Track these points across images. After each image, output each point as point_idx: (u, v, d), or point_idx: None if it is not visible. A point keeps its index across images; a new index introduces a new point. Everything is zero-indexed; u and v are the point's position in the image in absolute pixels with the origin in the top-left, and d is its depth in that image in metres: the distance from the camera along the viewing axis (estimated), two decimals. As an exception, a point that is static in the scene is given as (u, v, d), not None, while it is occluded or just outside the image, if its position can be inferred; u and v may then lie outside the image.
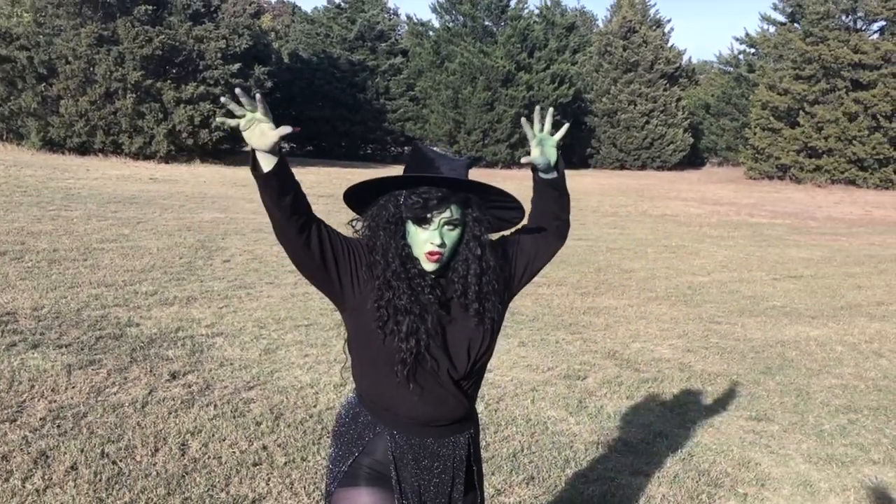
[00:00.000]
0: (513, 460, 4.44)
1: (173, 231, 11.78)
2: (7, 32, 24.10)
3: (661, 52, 40.94)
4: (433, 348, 2.11)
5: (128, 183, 18.24)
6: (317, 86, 36.41)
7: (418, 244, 2.12)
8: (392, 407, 2.16)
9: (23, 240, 10.08)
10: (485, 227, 2.18)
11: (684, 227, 17.56)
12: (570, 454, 4.57)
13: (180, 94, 24.87)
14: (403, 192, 2.12)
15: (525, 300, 8.85)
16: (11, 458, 4.05)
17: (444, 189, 2.09)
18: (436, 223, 2.11)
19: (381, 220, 2.13)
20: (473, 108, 35.58)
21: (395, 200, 2.12)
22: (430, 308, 2.12)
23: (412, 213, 2.09)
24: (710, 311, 8.91)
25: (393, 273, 2.09)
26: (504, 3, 38.85)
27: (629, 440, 4.85)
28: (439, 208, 2.09)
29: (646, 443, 4.82)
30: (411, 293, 2.10)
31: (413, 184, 2.11)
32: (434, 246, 2.10)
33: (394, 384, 2.12)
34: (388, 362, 2.10)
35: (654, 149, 40.26)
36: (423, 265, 2.14)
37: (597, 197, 24.35)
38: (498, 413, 5.20)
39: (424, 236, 2.11)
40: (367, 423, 2.19)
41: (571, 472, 4.34)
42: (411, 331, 2.07)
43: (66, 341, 6.10)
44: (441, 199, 2.08)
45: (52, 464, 4.03)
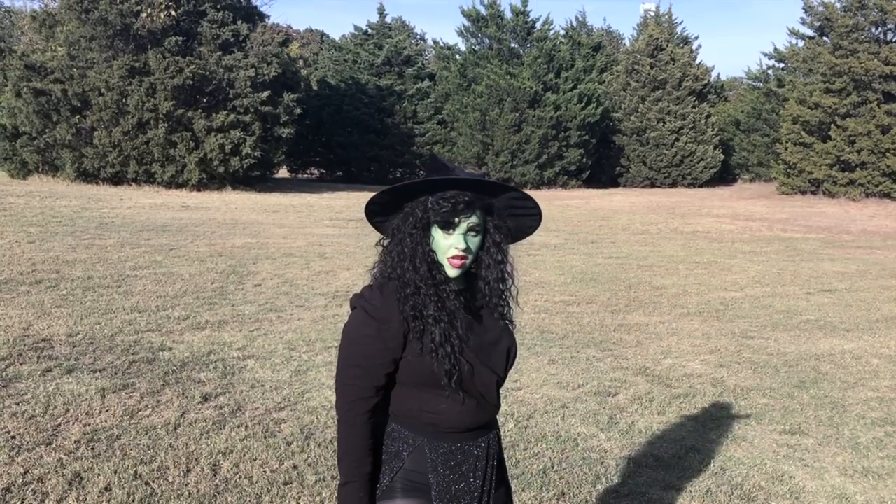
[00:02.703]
0: (543, 476, 4.42)
1: (205, 257, 11.91)
2: (42, 66, 24.62)
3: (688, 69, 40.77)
4: (468, 354, 2.16)
5: (160, 211, 18.49)
6: (345, 111, 36.72)
7: (442, 250, 2.17)
8: (436, 421, 2.20)
9: (58, 268, 10.25)
10: (504, 234, 2.23)
11: (716, 244, 17.43)
12: (600, 470, 4.54)
13: (211, 123, 25.20)
14: (430, 198, 2.15)
15: (555, 318, 8.83)
16: (47, 480, 4.11)
17: (470, 194, 2.14)
18: (461, 228, 2.15)
19: (408, 225, 2.17)
20: (501, 129, 35.64)
21: (422, 206, 2.16)
22: (458, 314, 2.17)
23: (441, 217, 2.13)
24: (742, 326, 8.83)
25: (421, 278, 2.13)
26: (530, 25, 39.00)
27: (660, 455, 4.81)
28: (466, 212, 2.14)
29: (677, 458, 4.77)
30: (438, 300, 2.14)
31: (440, 188, 2.15)
32: (459, 251, 2.15)
33: (441, 398, 2.18)
34: (434, 379, 2.14)
35: (684, 166, 40.00)
36: (448, 271, 2.18)
37: (627, 215, 24.25)
38: (528, 430, 5.18)
39: (449, 241, 2.16)
40: (402, 439, 2.22)
41: (602, 488, 4.32)
42: (444, 339, 2.12)
43: (100, 366, 6.18)
44: (468, 203, 2.13)
45: (86, 485, 4.08)
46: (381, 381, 2.16)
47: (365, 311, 2.15)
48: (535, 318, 8.77)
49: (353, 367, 2.14)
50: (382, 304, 2.13)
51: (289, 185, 31.04)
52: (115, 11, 24.26)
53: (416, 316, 2.12)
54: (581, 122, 36.53)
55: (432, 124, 38.19)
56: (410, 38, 43.76)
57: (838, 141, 33.16)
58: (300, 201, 23.65)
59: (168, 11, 24.66)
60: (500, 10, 38.97)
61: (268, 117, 26.32)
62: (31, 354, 6.37)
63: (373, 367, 2.14)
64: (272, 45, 26.17)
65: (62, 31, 25.00)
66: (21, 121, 25.00)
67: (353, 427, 2.15)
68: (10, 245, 11.82)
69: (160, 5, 24.53)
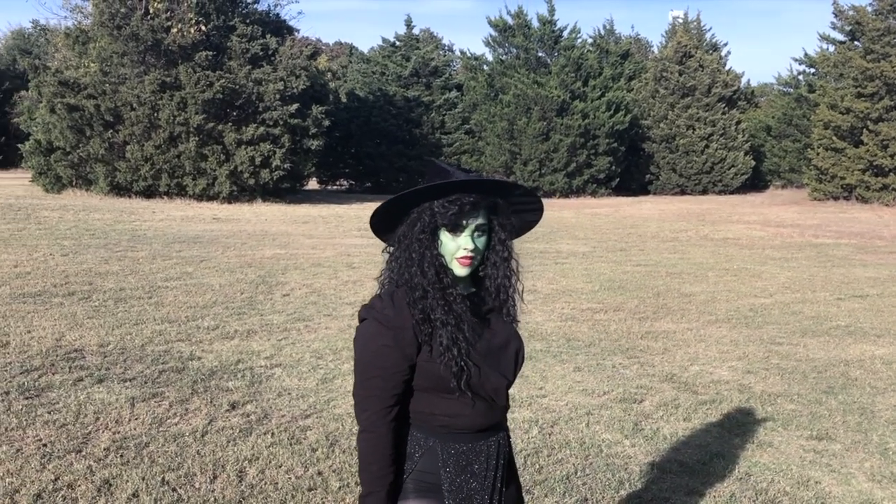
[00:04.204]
0: (566, 482, 4.43)
1: (235, 268, 12.04)
2: (75, 82, 25.03)
3: (718, 75, 40.52)
4: (476, 357, 2.19)
5: (192, 223, 18.71)
6: (373, 123, 36.91)
7: (451, 252, 2.21)
8: (447, 423, 2.24)
9: (91, 280, 10.41)
10: (508, 231, 2.28)
11: (746, 250, 17.28)
12: (624, 476, 4.54)
13: (241, 136, 25.46)
14: (435, 202, 2.19)
15: (581, 326, 8.82)
16: (76, 487, 4.19)
17: (475, 195, 2.18)
18: (468, 230, 2.19)
19: (416, 231, 2.21)
20: (529, 138, 35.61)
21: (429, 210, 2.20)
22: (465, 318, 2.20)
23: (449, 220, 2.17)
24: (771, 332, 8.76)
25: (429, 282, 2.17)
26: (557, 34, 38.96)
27: (685, 461, 4.79)
28: (473, 213, 2.19)
29: (702, 463, 4.76)
30: (445, 304, 2.18)
31: (445, 192, 2.18)
32: (467, 251, 2.19)
33: (451, 401, 2.21)
34: (443, 382, 2.18)
35: (714, 173, 39.71)
36: (456, 270, 2.22)
37: (656, 223, 24.12)
38: (552, 437, 5.19)
39: (458, 243, 2.20)
40: (414, 440, 2.26)
41: (625, 493, 4.31)
42: (451, 342, 2.16)
43: (130, 375, 6.28)
44: (474, 204, 2.18)
45: (114, 491, 4.16)
46: (400, 389, 2.19)
47: (379, 322, 2.18)
48: (561, 326, 8.77)
49: (374, 378, 2.18)
50: (395, 312, 2.17)
51: (318, 197, 31.25)
52: (146, 27, 24.62)
53: (425, 319, 2.15)
54: (609, 130, 36.40)
55: (460, 134, 38.26)
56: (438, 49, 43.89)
57: (871, 146, 32.78)
58: (329, 212, 23.80)
59: (198, 26, 24.98)
60: (526, 19, 38.98)
61: (297, 130, 26.54)
62: (63, 364, 6.49)
63: (393, 376, 2.17)
64: (300, 58, 26.40)
65: (95, 48, 25.41)
66: (55, 136, 25.42)
67: (378, 437, 2.18)
68: (45, 258, 12.02)
69: (190, 20, 24.86)
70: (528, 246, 16.49)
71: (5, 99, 44.78)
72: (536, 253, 15.40)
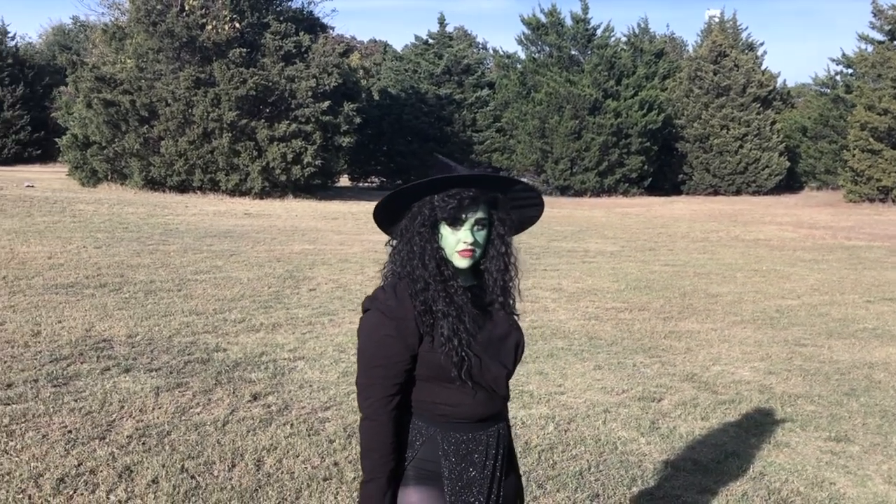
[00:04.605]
0: (578, 478, 4.46)
1: (264, 262, 12.17)
2: (112, 78, 25.40)
3: (753, 75, 40.11)
4: (476, 348, 2.24)
5: (224, 218, 18.92)
6: (405, 121, 37.05)
7: (451, 245, 2.26)
8: (448, 412, 2.30)
9: (122, 272, 10.59)
10: (508, 226, 2.33)
11: (777, 252, 17.14)
12: (637, 473, 4.56)
13: (273, 133, 25.69)
14: (436, 197, 2.24)
15: (605, 325, 8.83)
16: (98, 472, 4.30)
17: (475, 189, 2.23)
18: (468, 223, 2.24)
19: (416, 225, 2.27)
20: (560, 137, 35.52)
21: (429, 204, 2.26)
22: (466, 309, 2.25)
23: (448, 214, 2.23)
24: (796, 333, 8.70)
25: (430, 274, 2.22)
26: (590, 32, 38.81)
27: (700, 460, 4.80)
28: (472, 208, 2.24)
29: (716, 462, 4.77)
30: (446, 295, 2.24)
31: (445, 186, 2.24)
32: (467, 244, 2.25)
33: (452, 390, 2.27)
34: (444, 372, 2.23)
35: (748, 173, 39.32)
36: (457, 263, 2.27)
37: (687, 223, 23.97)
38: (568, 433, 5.22)
39: (457, 236, 2.25)
40: (416, 429, 2.32)
41: (637, 491, 4.34)
42: (452, 333, 2.21)
43: (156, 365, 6.40)
44: (473, 198, 2.23)
45: (135, 477, 4.26)
46: (402, 378, 2.25)
47: (381, 313, 2.24)
48: (584, 325, 8.78)
49: (376, 368, 2.24)
50: (397, 303, 2.23)
51: (349, 194, 31.43)
52: (182, 24, 24.92)
53: (426, 310, 2.21)
54: (642, 129, 36.19)
55: (491, 132, 38.28)
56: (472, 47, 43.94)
57: (909, 147, 32.28)
58: (359, 209, 23.94)
59: (232, 24, 25.23)
60: (560, 17, 38.89)
61: (328, 127, 26.71)
62: (91, 354, 6.63)
63: (395, 365, 2.23)
64: (333, 55, 26.56)
65: (131, 44, 25.77)
66: (91, 131, 25.83)
67: (380, 425, 2.24)
68: (78, 250, 12.24)
69: (225, 18, 25.12)
70: (556, 245, 16.48)
71: (45, 94, 45.48)
72: (564, 251, 15.40)
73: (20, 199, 19.37)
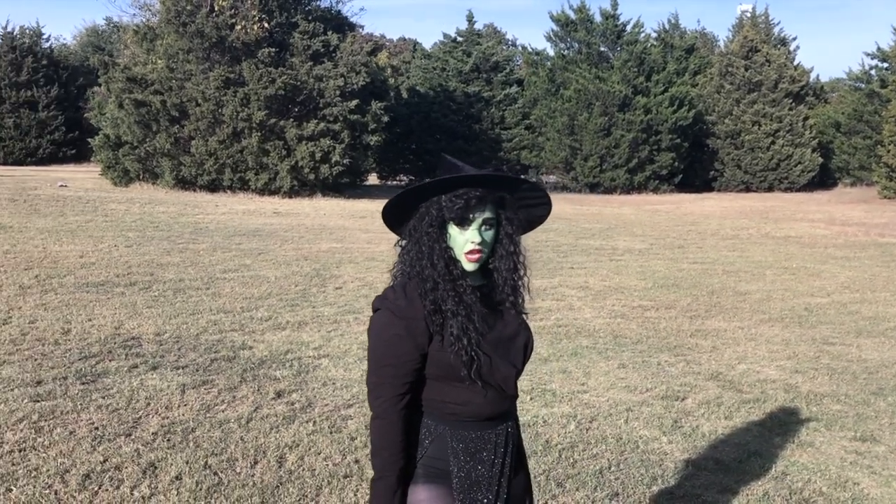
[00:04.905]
0: (598, 477, 4.46)
1: (291, 261, 12.27)
2: (143, 78, 25.70)
3: (785, 70, 39.66)
4: (485, 347, 2.26)
5: (253, 217, 19.07)
6: (433, 118, 37.09)
7: (458, 245, 2.28)
8: (457, 411, 2.32)
9: (152, 271, 10.72)
10: (516, 225, 2.34)
11: (808, 249, 16.95)
12: (658, 472, 4.55)
13: (302, 132, 25.84)
14: (443, 197, 2.26)
15: (630, 323, 8.79)
16: (123, 469, 4.37)
17: (482, 189, 2.24)
18: (476, 223, 2.26)
19: (424, 225, 2.28)
20: (590, 133, 35.36)
21: (437, 205, 2.28)
22: (475, 308, 2.27)
23: (455, 214, 2.24)
24: (824, 332, 8.61)
25: (439, 274, 2.24)
26: (620, 28, 38.59)
27: (721, 459, 4.78)
28: (480, 207, 2.25)
29: (738, 461, 4.74)
30: (455, 295, 2.25)
31: (452, 187, 2.25)
32: (475, 245, 2.26)
33: (461, 389, 2.29)
34: (453, 371, 2.25)
35: (780, 170, 38.88)
36: (465, 265, 2.29)
37: (717, 220, 23.78)
38: (589, 432, 5.21)
39: (465, 236, 2.26)
40: (425, 427, 2.34)
41: (657, 490, 4.33)
42: (462, 332, 2.23)
43: (183, 363, 6.48)
44: (480, 198, 2.24)
45: (158, 474, 4.32)
46: (412, 378, 2.27)
47: (391, 312, 2.27)
48: (609, 323, 8.75)
49: (387, 367, 2.26)
50: (407, 303, 2.25)
51: (378, 192, 31.53)
52: (211, 24, 25.15)
53: (436, 310, 2.23)
54: (673, 126, 35.92)
55: (520, 129, 38.20)
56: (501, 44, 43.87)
57: (945, 142, 31.74)
58: (387, 207, 23.99)
59: (261, 23, 25.42)
60: (589, 14, 38.70)
61: (356, 125, 26.81)
62: (119, 352, 6.73)
63: (404, 364, 2.25)
64: (360, 54, 26.65)
65: (162, 45, 26.05)
66: (123, 131, 26.14)
67: (390, 424, 2.26)
68: (109, 249, 12.41)
69: (254, 18, 25.31)
70: (584, 242, 16.44)
71: (79, 94, 46.11)
72: (591, 249, 15.35)
73: (53, 198, 19.66)
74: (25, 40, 44.84)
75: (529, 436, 5.06)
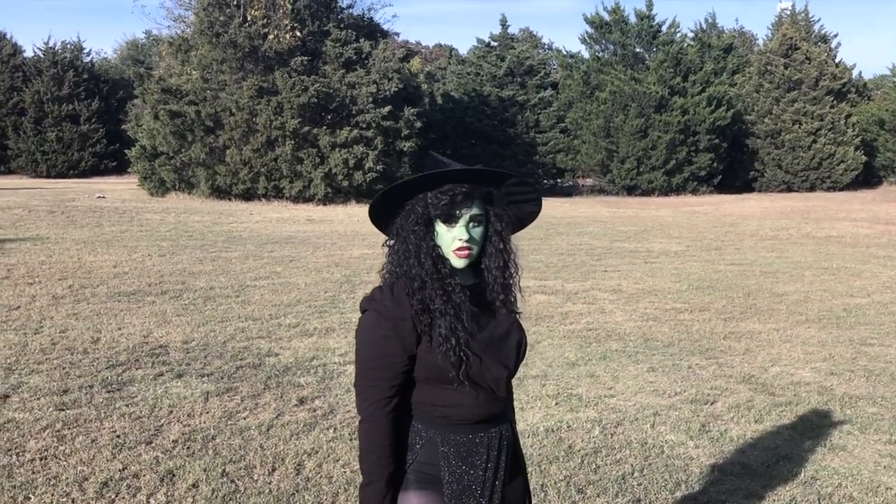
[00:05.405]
0: (620, 482, 4.35)
1: (322, 267, 12.28)
2: (178, 89, 26.02)
3: (826, 67, 39.02)
4: (475, 347, 2.20)
5: (286, 225, 19.17)
6: (468, 123, 37.05)
7: (447, 242, 2.22)
8: (447, 413, 2.25)
9: (184, 280, 10.79)
10: (505, 222, 2.27)
11: (849, 249, 16.60)
12: (682, 477, 4.43)
13: (335, 139, 25.95)
14: (429, 194, 2.20)
15: (663, 326, 8.65)
16: (141, 476, 4.36)
17: (468, 185, 2.18)
18: (463, 220, 2.20)
19: (410, 223, 2.23)
20: (626, 135, 35.09)
21: (422, 202, 2.22)
22: (464, 307, 2.20)
23: (441, 211, 2.18)
24: (863, 333, 8.39)
25: (426, 272, 2.18)
26: (655, 29, 38.26)
27: (749, 463, 4.65)
28: (466, 204, 2.19)
29: (766, 466, 4.60)
30: (444, 293, 2.19)
31: (437, 183, 2.20)
32: (462, 242, 2.20)
33: (451, 391, 2.22)
34: (443, 372, 2.19)
35: (822, 169, 38.24)
36: (454, 262, 2.22)
37: (757, 221, 23.41)
38: (614, 437, 5.11)
39: (453, 234, 2.21)
40: (415, 431, 2.27)
41: (681, 495, 4.21)
42: (450, 332, 2.17)
43: (208, 371, 6.49)
44: (466, 194, 2.18)
45: (176, 482, 4.31)
46: (400, 380, 2.21)
47: (378, 313, 2.21)
48: (641, 326, 8.61)
49: (374, 369, 2.20)
50: (394, 303, 2.19)
51: (413, 198, 31.52)
52: (244, 34, 25.38)
53: (424, 310, 2.16)
54: (711, 126, 35.49)
55: (555, 133, 38.00)
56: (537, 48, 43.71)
57: None
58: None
59: (293, 32, 25.60)
60: (623, 15, 38.44)
61: (389, 132, 26.87)
62: (147, 360, 6.75)
63: (392, 366, 2.19)
64: (393, 61, 26.71)
65: (196, 56, 26.34)
66: (159, 141, 26.49)
67: (377, 427, 2.21)
68: (142, 258, 12.54)
69: (286, 27, 25.50)
70: (619, 245, 16.26)
71: (119, 107, 46.86)
72: (626, 252, 15.17)
73: (91, 209, 19.95)
74: (67, 55, 45.69)
75: (552, 441, 4.97)
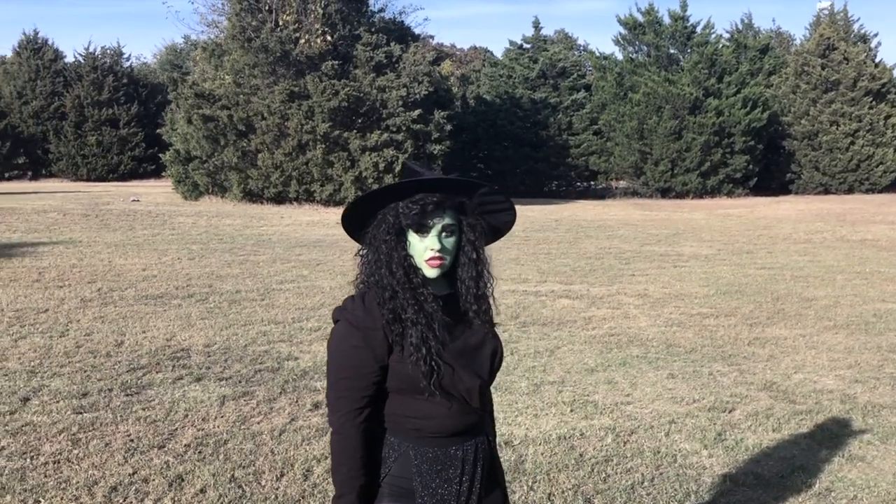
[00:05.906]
0: (629, 492, 4.30)
1: (348, 271, 12.29)
2: (211, 94, 26.28)
3: (864, 68, 38.40)
4: (447, 357, 2.17)
5: (316, 228, 19.26)
6: (500, 126, 36.95)
7: (419, 252, 2.20)
8: (420, 426, 2.23)
9: (211, 283, 10.89)
10: (478, 232, 2.25)
11: (884, 252, 16.29)
12: (692, 487, 4.37)
13: (365, 143, 26.04)
14: (400, 203, 2.19)
15: (686, 332, 8.55)
16: (150, 481, 4.40)
17: (439, 195, 2.17)
18: (435, 230, 2.18)
19: (382, 232, 2.21)
20: (660, 137, 34.78)
21: (393, 211, 2.21)
22: (436, 317, 2.18)
23: (412, 220, 2.17)
24: (892, 339, 8.22)
25: (398, 282, 2.17)
26: (689, 30, 37.91)
27: (763, 474, 4.57)
28: (437, 213, 2.17)
29: (780, 476, 4.52)
30: (415, 303, 2.17)
31: (408, 192, 2.19)
32: (434, 252, 2.18)
33: (423, 402, 2.20)
34: (414, 382, 2.17)
35: (861, 171, 37.61)
36: (426, 272, 2.21)
37: (791, 224, 23.08)
38: (627, 446, 5.05)
39: (425, 243, 2.19)
40: (388, 444, 2.26)
41: (690, 506, 4.16)
42: (421, 341, 2.15)
43: (227, 374, 6.53)
44: (437, 203, 2.17)
45: (184, 486, 4.34)
46: (371, 391, 2.19)
47: (349, 323, 2.20)
48: (664, 332, 8.52)
49: (344, 379, 2.19)
50: (365, 313, 2.18)
51: (444, 201, 31.53)
52: (275, 39, 25.56)
53: (395, 319, 2.15)
54: (746, 128, 35.05)
55: (588, 135, 37.77)
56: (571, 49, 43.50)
57: None
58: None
59: (324, 37, 25.72)
60: (657, 16, 38.13)
61: (419, 135, 26.90)
62: (168, 363, 6.82)
63: (363, 377, 2.18)
64: (423, 64, 26.75)
65: (229, 60, 26.59)
66: (192, 146, 26.78)
67: (347, 439, 2.19)
68: (172, 262, 12.67)
69: (317, 31, 25.64)
70: (648, 249, 16.12)
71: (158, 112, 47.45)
72: (655, 256, 15.04)
73: (124, 213, 20.21)
74: (106, 60, 46.36)
75: (563, 449, 4.93)
